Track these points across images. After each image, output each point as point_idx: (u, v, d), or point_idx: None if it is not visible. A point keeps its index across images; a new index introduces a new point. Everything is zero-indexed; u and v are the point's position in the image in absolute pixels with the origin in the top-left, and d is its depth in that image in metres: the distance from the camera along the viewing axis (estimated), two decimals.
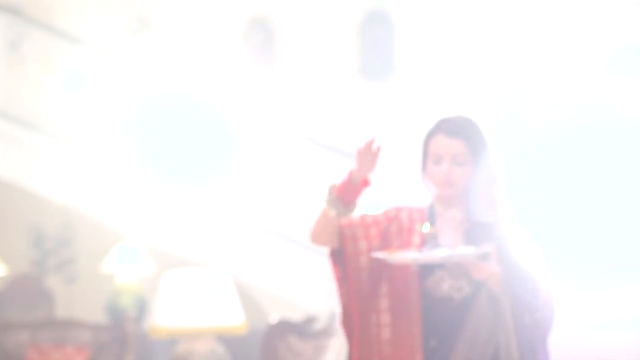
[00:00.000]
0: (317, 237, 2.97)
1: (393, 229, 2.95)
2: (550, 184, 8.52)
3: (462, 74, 9.51)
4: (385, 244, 2.93)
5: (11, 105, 9.37)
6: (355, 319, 2.91)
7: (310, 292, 8.66)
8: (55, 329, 5.70)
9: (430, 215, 2.96)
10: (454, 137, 2.90)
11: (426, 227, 2.88)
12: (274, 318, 6.55)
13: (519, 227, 2.92)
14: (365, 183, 2.90)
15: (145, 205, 9.10)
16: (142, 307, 8.59)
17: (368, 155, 2.88)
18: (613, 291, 8.08)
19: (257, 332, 6.76)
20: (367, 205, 3.05)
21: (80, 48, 9.45)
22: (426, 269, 2.89)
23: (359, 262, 2.94)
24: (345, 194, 2.90)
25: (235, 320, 6.09)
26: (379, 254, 2.85)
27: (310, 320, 6.46)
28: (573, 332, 7.42)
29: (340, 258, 2.97)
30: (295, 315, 7.00)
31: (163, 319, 5.92)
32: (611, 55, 9.22)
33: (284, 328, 6.14)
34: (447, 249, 2.85)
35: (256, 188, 9.11)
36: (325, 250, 3.00)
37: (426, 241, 2.89)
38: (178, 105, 9.18)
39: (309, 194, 8.66)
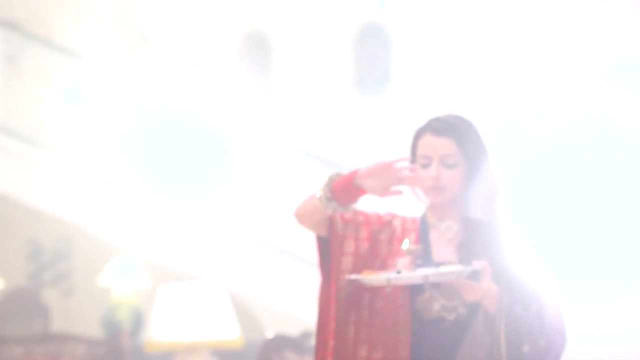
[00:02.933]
0: (301, 217, 2.64)
1: (384, 236, 2.63)
2: (547, 194, 8.52)
3: (459, 86, 9.52)
4: (373, 250, 2.61)
5: (9, 119, 9.38)
6: (331, 328, 2.58)
7: (308, 306, 8.65)
8: (49, 343, 5.69)
9: (423, 227, 2.64)
10: (443, 136, 2.57)
11: (406, 244, 2.57)
12: (270, 332, 6.55)
13: (524, 240, 2.61)
14: (365, 191, 2.55)
15: (142, 218, 9.10)
16: (138, 320, 8.58)
17: (388, 176, 2.51)
18: (613, 303, 8.07)
19: (253, 346, 6.73)
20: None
21: (78, 62, 9.47)
22: (414, 287, 2.56)
23: (341, 263, 2.60)
24: (341, 194, 2.55)
25: (231, 334, 6.09)
26: (352, 276, 2.54)
27: (307, 335, 6.45)
28: (572, 345, 7.40)
29: (327, 252, 2.64)
30: (292, 329, 7.00)
31: (158, 332, 5.91)
32: (609, 68, 9.23)
33: (281, 342, 6.12)
34: (430, 267, 2.52)
35: (252, 201, 9.11)
36: None
37: (417, 256, 2.58)
38: (175, 119, 9.19)
39: None
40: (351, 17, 10.13)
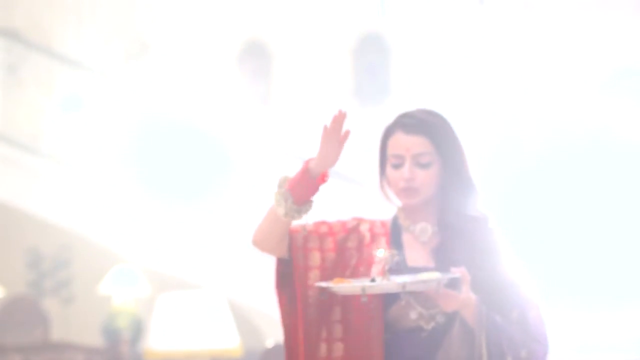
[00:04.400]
0: (261, 241, 2.47)
1: (352, 243, 2.43)
2: (546, 203, 8.53)
3: (458, 96, 9.54)
4: (341, 260, 2.40)
5: (9, 128, 9.40)
6: (301, 348, 2.39)
7: None
8: (49, 352, 5.70)
9: (395, 230, 2.44)
10: (415, 134, 2.41)
11: (381, 252, 2.35)
12: (270, 341, 6.56)
13: (504, 244, 2.40)
14: (323, 178, 2.38)
15: (142, 227, 9.11)
16: (138, 329, 8.59)
17: (336, 137, 2.33)
18: (612, 313, 8.07)
19: (253, 355, 6.75)
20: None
21: (78, 71, 9.49)
22: (388, 296, 2.36)
23: (307, 279, 2.39)
24: (299, 190, 2.37)
25: (230, 343, 6.09)
26: (323, 284, 2.34)
27: None
28: (566, 355, 7.42)
29: (288, 272, 2.44)
30: None
31: (158, 341, 5.92)
32: (608, 78, 9.25)
33: (281, 351, 6.13)
34: (407, 275, 2.31)
35: (252, 210, 9.12)
36: None
37: (389, 264, 2.35)
38: (175, 128, 9.21)
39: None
40: (351, 27, 10.15)
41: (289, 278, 2.44)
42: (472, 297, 2.29)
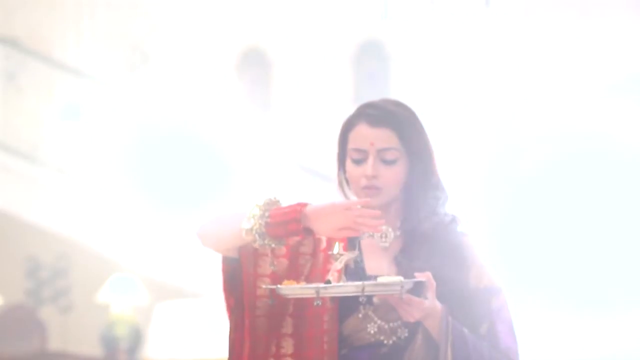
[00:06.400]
0: (205, 237, 2.24)
1: (306, 248, 2.17)
2: (548, 211, 8.51)
3: (457, 104, 9.53)
4: (294, 268, 2.15)
5: (8, 136, 9.39)
6: None
7: None
8: None
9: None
10: (381, 126, 2.13)
11: (336, 248, 2.08)
12: None
13: (475, 249, 2.16)
14: (310, 232, 2.08)
15: (141, 235, 9.10)
16: (136, 338, 8.57)
17: (341, 219, 2.03)
18: (612, 320, 8.06)
19: None
20: None
21: (77, 79, 9.48)
22: (345, 306, 2.10)
23: (257, 287, 2.13)
24: (279, 221, 2.10)
25: None
26: (270, 286, 2.07)
27: None
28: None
29: (236, 273, 2.18)
30: None
31: (156, 350, 5.90)
32: (610, 86, 9.24)
33: None
34: (366, 278, 2.08)
35: None
36: None
37: (347, 263, 2.11)
38: (174, 137, 9.20)
39: None
40: (350, 35, 10.15)
41: (237, 279, 2.17)
42: (438, 306, 2.04)
